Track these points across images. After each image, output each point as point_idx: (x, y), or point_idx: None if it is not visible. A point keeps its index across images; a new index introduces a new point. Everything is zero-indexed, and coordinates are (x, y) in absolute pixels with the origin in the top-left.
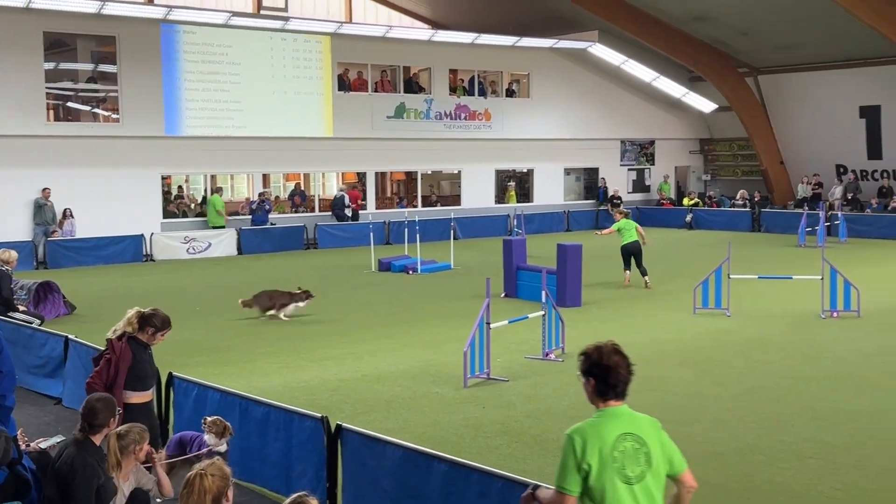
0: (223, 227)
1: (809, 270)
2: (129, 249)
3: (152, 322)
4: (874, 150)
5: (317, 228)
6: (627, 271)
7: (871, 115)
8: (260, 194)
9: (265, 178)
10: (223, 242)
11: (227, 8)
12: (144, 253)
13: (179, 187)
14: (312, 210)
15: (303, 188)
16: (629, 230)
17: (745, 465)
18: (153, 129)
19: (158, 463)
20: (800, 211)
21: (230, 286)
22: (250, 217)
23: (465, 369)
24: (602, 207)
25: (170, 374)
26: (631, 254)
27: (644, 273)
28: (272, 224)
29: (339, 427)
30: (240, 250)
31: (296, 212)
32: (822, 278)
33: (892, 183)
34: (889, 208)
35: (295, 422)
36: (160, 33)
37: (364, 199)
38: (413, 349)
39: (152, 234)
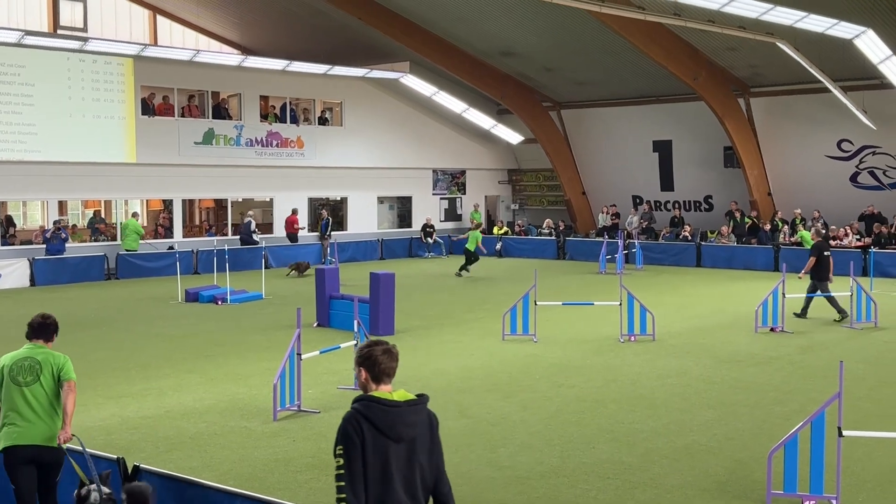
0: (136, 250)
1: (609, 296)
2: None
3: None
4: (666, 183)
5: (118, 258)
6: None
7: (663, 149)
8: (55, 222)
9: (61, 205)
10: (14, 273)
11: (21, 26)
12: None
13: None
14: (114, 239)
15: (103, 216)
16: (473, 240)
17: (549, 489)
18: None
19: None
20: (600, 239)
21: (19, 320)
22: (44, 246)
23: (274, 402)
24: (322, 241)
25: None
26: (468, 255)
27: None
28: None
29: (136, 468)
30: (33, 281)
31: (95, 240)
32: (620, 304)
33: (682, 213)
34: (680, 237)
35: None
36: None
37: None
38: (220, 383)
39: None
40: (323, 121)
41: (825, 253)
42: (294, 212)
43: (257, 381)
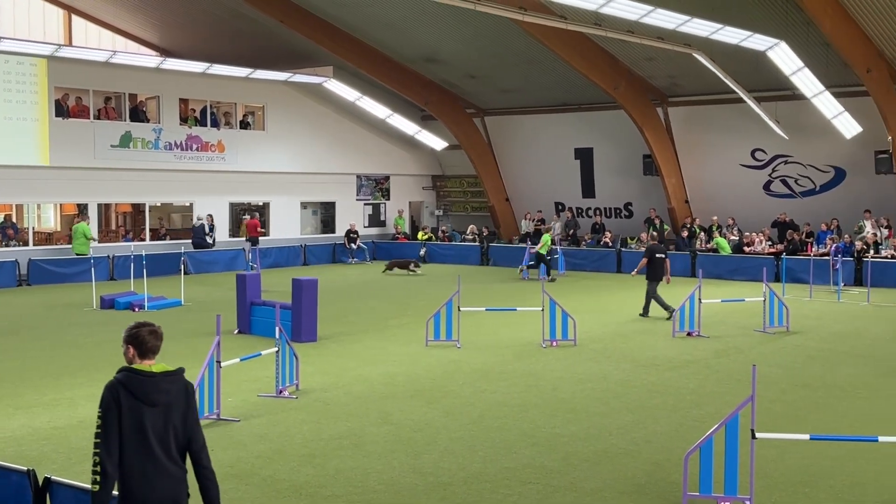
0: (87, 255)
1: (532, 302)
2: None
3: None
4: (588, 189)
5: (30, 263)
6: (530, 269)
7: (584, 156)
8: None
9: None
10: None
11: None
12: None
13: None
14: (25, 244)
15: (14, 220)
16: (545, 244)
17: (471, 494)
18: None
19: None
20: (523, 245)
21: None
22: None
23: None
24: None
25: None
26: (543, 258)
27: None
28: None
29: (47, 480)
30: None
31: (6, 246)
32: (542, 309)
33: (604, 220)
34: (601, 243)
35: None
36: None
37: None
38: None
39: None
40: (245, 125)
41: (657, 255)
42: (253, 216)
43: None
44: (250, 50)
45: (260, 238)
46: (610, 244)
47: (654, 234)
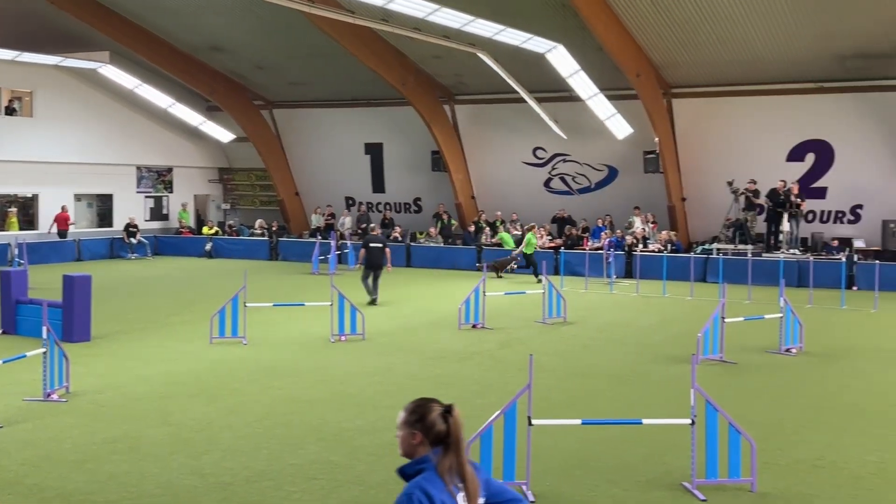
0: None
1: (321, 297)
2: None
3: None
4: (378, 185)
5: None
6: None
7: (374, 151)
8: None
9: None
10: None
11: None
12: None
13: None
14: None
15: None
16: (529, 243)
17: (253, 493)
18: None
19: None
20: (314, 240)
21: None
22: None
23: None
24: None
25: None
26: (529, 258)
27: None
28: None
29: None
30: None
31: None
32: (331, 304)
33: (393, 214)
34: (391, 238)
35: None
36: None
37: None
38: None
39: None
40: (10, 111)
41: (372, 245)
42: (64, 208)
43: None
44: (17, 31)
45: (26, 232)
46: (400, 239)
47: (367, 227)
